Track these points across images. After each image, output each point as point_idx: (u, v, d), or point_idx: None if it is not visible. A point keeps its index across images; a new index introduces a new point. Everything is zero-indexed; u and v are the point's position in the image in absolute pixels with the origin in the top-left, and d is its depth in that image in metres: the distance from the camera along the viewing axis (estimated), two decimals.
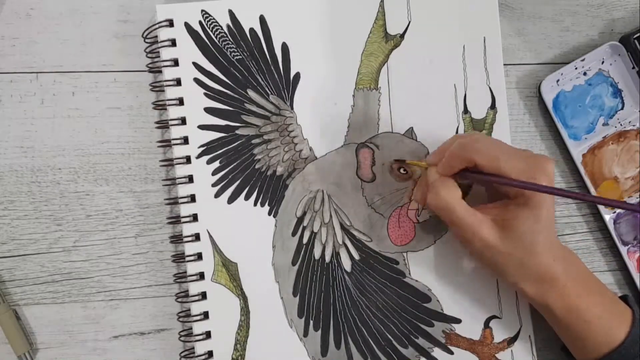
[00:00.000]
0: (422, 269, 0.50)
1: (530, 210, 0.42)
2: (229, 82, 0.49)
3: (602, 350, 0.43)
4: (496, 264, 0.44)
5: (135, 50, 0.50)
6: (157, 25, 0.49)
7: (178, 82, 0.49)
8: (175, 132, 0.49)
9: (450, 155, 0.44)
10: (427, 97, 0.51)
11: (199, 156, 0.49)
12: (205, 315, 0.48)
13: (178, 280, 0.49)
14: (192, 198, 0.49)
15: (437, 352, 0.50)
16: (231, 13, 0.49)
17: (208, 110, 0.49)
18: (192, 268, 0.48)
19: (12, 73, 0.49)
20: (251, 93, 0.49)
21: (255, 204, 0.49)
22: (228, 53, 0.49)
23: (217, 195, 0.49)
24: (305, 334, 0.49)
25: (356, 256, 0.50)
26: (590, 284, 0.45)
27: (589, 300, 0.44)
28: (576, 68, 0.53)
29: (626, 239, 0.53)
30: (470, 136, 0.45)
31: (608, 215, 0.53)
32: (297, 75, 0.50)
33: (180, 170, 0.49)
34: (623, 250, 0.53)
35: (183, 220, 0.48)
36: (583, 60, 0.53)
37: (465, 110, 0.51)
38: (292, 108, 0.50)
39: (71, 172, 0.49)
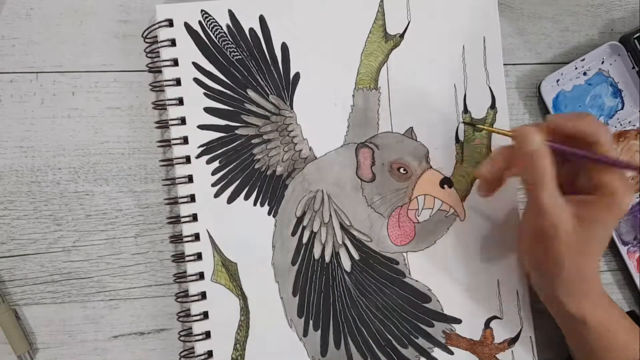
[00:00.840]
0: (422, 269, 0.50)
1: (607, 211, 0.41)
2: (229, 82, 0.49)
3: None
4: (551, 254, 0.42)
5: (135, 50, 0.50)
6: (157, 25, 0.49)
7: (178, 82, 0.49)
8: (175, 132, 0.49)
9: (580, 115, 0.42)
10: (427, 97, 0.51)
11: (198, 156, 0.49)
12: (205, 315, 0.48)
13: (178, 280, 0.49)
14: (192, 198, 0.49)
15: (437, 352, 0.50)
16: (231, 13, 0.49)
17: (208, 110, 0.49)
18: (191, 268, 0.48)
19: (12, 73, 0.49)
20: (251, 93, 0.50)
21: (255, 204, 0.49)
22: (228, 53, 0.49)
23: (216, 195, 0.49)
24: (305, 333, 0.49)
25: (356, 256, 0.50)
26: (612, 300, 0.46)
27: (614, 312, 0.44)
28: (576, 68, 0.53)
29: (626, 239, 0.53)
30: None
31: None
32: (297, 75, 0.50)
33: (180, 170, 0.49)
34: (623, 250, 0.53)
35: (183, 220, 0.48)
36: (583, 60, 0.53)
37: (465, 110, 0.51)
38: (291, 108, 0.50)
39: (71, 172, 0.49)
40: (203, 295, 0.48)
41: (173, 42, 0.49)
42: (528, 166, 0.42)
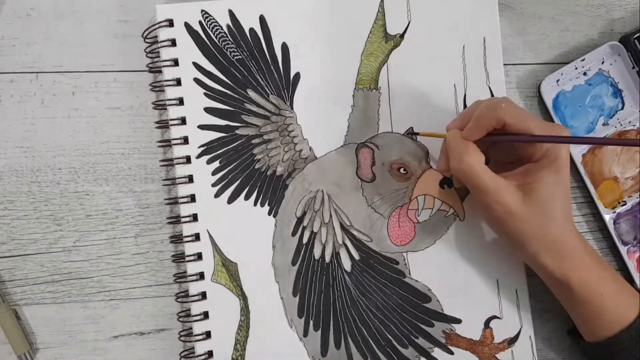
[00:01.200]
0: (422, 269, 0.50)
1: (552, 172, 0.43)
2: (229, 82, 0.49)
3: (614, 328, 0.44)
4: (516, 232, 0.44)
5: (135, 50, 0.50)
6: (157, 25, 0.49)
7: (178, 82, 0.49)
8: (175, 132, 0.49)
9: (479, 116, 0.44)
10: (427, 97, 0.51)
11: (199, 156, 0.49)
12: (205, 315, 0.48)
13: (178, 280, 0.49)
14: (192, 198, 0.49)
15: (437, 352, 0.50)
16: (231, 13, 0.49)
17: (208, 110, 0.49)
18: (192, 268, 0.48)
19: (12, 73, 0.49)
20: (251, 93, 0.50)
21: (255, 204, 0.49)
22: (228, 53, 0.49)
23: (217, 195, 0.49)
24: (305, 333, 0.49)
25: (356, 256, 0.50)
26: (602, 261, 0.46)
27: (604, 275, 0.44)
28: (576, 68, 0.53)
29: (626, 239, 0.53)
30: (495, 99, 0.46)
31: (608, 215, 0.53)
32: (297, 75, 0.50)
33: (180, 170, 0.49)
34: (623, 250, 0.53)
35: (183, 220, 0.48)
36: (583, 60, 0.53)
37: None
38: (292, 108, 0.50)
39: (71, 172, 0.49)
40: (203, 295, 0.48)
41: (173, 42, 0.49)
42: (454, 162, 0.45)
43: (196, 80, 0.49)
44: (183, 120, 0.49)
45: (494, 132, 0.44)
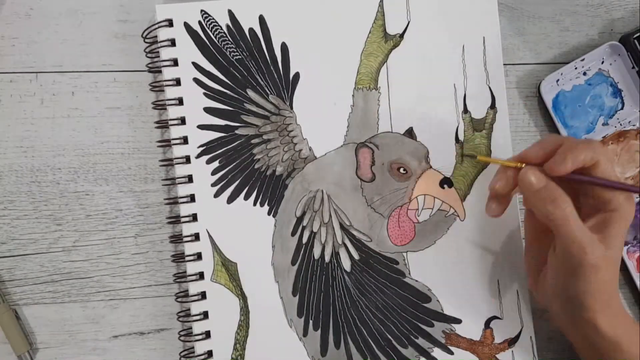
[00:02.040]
0: (422, 269, 0.50)
1: (624, 224, 0.41)
2: (229, 82, 0.49)
3: None
4: (587, 291, 0.41)
5: (135, 50, 0.50)
6: (156, 25, 0.49)
7: (178, 82, 0.49)
8: (175, 132, 0.49)
9: (574, 149, 0.40)
10: (427, 97, 0.51)
11: (198, 156, 0.49)
12: (205, 315, 0.48)
13: (178, 280, 0.49)
14: (192, 198, 0.49)
15: (437, 352, 0.50)
16: (231, 13, 0.49)
17: (208, 110, 0.49)
18: (191, 268, 0.48)
19: (12, 73, 0.49)
20: (251, 93, 0.50)
21: (254, 204, 0.49)
22: (227, 53, 0.49)
23: (216, 195, 0.49)
24: (305, 333, 0.49)
25: (356, 256, 0.50)
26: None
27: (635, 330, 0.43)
28: (576, 68, 0.53)
29: (626, 239, 0.53)
30: (584, 140, 0.43)
31: None
32: (297, 75, 0.50)
33: (180, 170, 0.49)
34: (623, 250, 0.53)
35: (183, 220, 0.48)
36: (583, 60, 0.53)
37: (465, 110, 0.51)
38: (291, 108, 0.50)
39: (71, 172, 0.49)
40: (203, 295, 0.48)
41: (173, 42, 0.49)
42: (541, 204, 0.41)
43: (196, 80, 0.49)
44: (183, 120, 0.49)
45: (576, 171, 0.41)
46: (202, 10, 0.49)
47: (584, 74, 0.54)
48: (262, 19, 0.50)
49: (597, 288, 0.41)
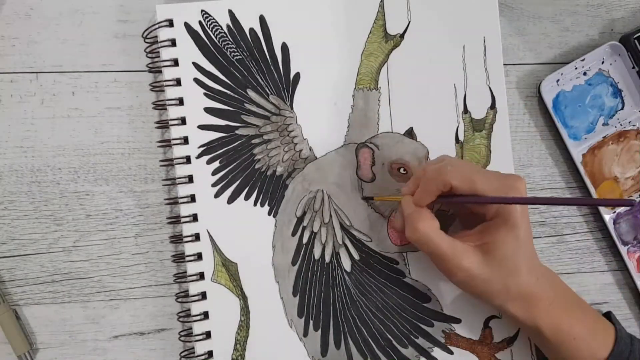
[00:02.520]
0: (422, 269, 0.50)
1: (508, 230, 0.43)
2: (229, 82, 0.49)
3: None
4: (481, 292, 0.44)
5: (135, 50, 0.50)
6: (157, 25, 0.49)
7: (178, 82, 0.49)
8: (175, 132, 0.49)
9: (426, 181, 0.44)
10: (427, 97, 0.51)
11: (199, 156, 0.49)
12: (205, 315, 0.48)
13: (178, 280, 0.49)
14: (192, 198, 0.49)
15: (437, 352, 0.50)
16: (231, 13, 0.49)
17: (208, 110, 0.49)
18: (192, 268, 0.48)
19: (12, 73, 0.49)
20: (251, 93, 0.49)
21: (255, 204, 0.49)
22: (228, 53, 0.49)
23: (217, 195, 0.49)
24: (305, 333, 0.49)
25: (356, 256, 0.50)
26: (574, 302, 0.45)
27: (574, 317, 0.44)
28: (576, 68, 0.53)
29: (626, 239, 0.53)
30: (441, 160, 0.45)
31: (608, 215, 0.53)
32: (297, 75, 0.50)
33: (180, 170, 0.49)
34: (623, 250, 0.53)
35: (183, 220, 0.48)
36: (583, 60, 0.53)
37: (465, 110, 0.51)
38: (292, 108, 0.50)
39: (71, 172, 0.49)
40: (203, 295, 0.48)
41: (173, 42, 0.49)
42: (410, 230, 0.44)
43: (196, 80, 0.49)
44: (183, 121, 0.49)
45: (444, 194, 0.44)
46: (202, 10, 0.49)
47: (584, 74, 0.54)
48: (262, 19, 0.50)
49: (490, 288, 0.43)
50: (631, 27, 0.54)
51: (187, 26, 0.49)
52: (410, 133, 0.51)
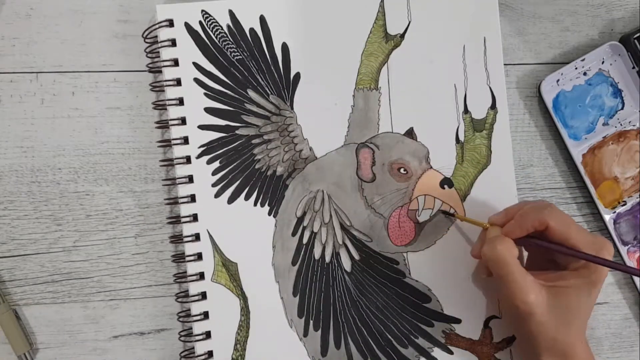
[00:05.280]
0: (422, 269, 0.50)
1: (588, 285, 0.42)
2: (229, 82, 0.49)
3: None
4: (530, 332, 0.43)
5: (135, 50, 0.50)
6: (157, 25, 0.49)
7: (178, 82, 0.49)
8: (175, 132, 0.49)
9: (523, 215, 0.44)
10: (427, 97, 0.51)
11: (199, 156, 0.49)
12: (205, 315, 0.48)
13: (178, 280, 0.49)
14: (192, 198, 0.49)
15: (437, 352, 0.50)
16: (231, 13, 0.49)
17: (208, 110, 0.49)
18: (192, 268, 0.48)
19: (12, 73, 0.49)
20: (251, 93, 0.49)
21: (255, 204, 0.49)
22: (228, 53, 0.49)
23: (217, 195, 0.49)
24: (305, 333, 0.49)
25: (356, 256, 0.50)
26: None
27: None
28: (576, 68, 0.53)
29: (626, 239, 0.53)
30: (542, 202, 0.45)
31: (608, 215, 0.53)
32: (297, 75, 0.50)
33: (180, 170, 0.49)
34: (623, 250, 0.53)
35: (183, 220, 0.48)
36: (583, 60, 0.53)
37: (466, 110, 0.51)
38: (292, 108, 0.50)
39: (71, 172, 0.49)
40: (203, 296, 0.48)
41: (173, 42, 0.49)
42: (489, 248, 0.44)
43: (196, 80, 0.49)
44: (183, 121, 0.49)
45: (535, 234, 0.44)
46: (202, 11, 0.49)
47: (584, 74, 0.54)
48: (262, 19, 0.50)
49: (541, 333, 0.43)
50: (631, 27, 0.54)
51: (188, 26, 0.49)
52: (410, 133, 0.51)
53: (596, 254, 0.42)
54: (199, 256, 0.48)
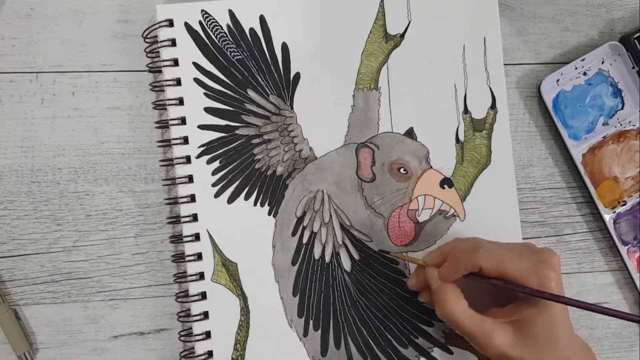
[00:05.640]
0: None
1: (542, 309, 0.41)
2: (229, 82, 0.49)
3: None
4: None
5: (135, 50, 0.50)
6: (157, 25, 0.49)
7: (178, 82, 0.49)
8: (175, 132, 0.49)
9: (454, 258, 0.43)
10: (427, 97, 0.51)
11: (199, 156, 0.49)
12: (205, 315, 0.48)
13: (178, 280, 0.49)
14: (192, 198, 0.49)
15: (437, 352, 0.50)
16: (231, 13, 0.49)
17: (208, 110, 0.49)
18: (192, 268, 0.48)
19: (12, 73, 0.49)
20: (251, 93, 0.49)
21: (255, 204, 0.49)
22: (228, 53, 0.49)
23: (217, 195, 0.49)
24: (305, 333, 0.49)
25: (356, 256, 0.50)
26: None
27: None
28: (576, 68, 0.53)
29: (626, 239, 0.53)
30: (472, 241, 0.45)
31: (608, 215, 0.53)
32: (297, 75, 0.50)
33: (180, 170, 0.49)
34: (623, 250, 0.53)
35: (183, 220, 0.48)
36: (583, 60, 0.53)
37: (466, 110, 0.51)
38: (292, 108, 0.50)
39: (71, 172, 0.49)
40: (203, 295, 0.48)
41: (173, 42, 0.49)
42: (435, 302, 0.44)
43: (196, 80, 0.49)
44: (183, 120, 0.49)
45: (474, 273, 0.43)
46: (202, 10, 0.49)
47: (584, 74, 0.54)
48: (262, 19, 0.50)
49: None
50: (631, 27, 0.54)
51: (187, 26, 0.49)
52: (410, 133, 0.51)
53: (538, 278, 0.41)
54: (199, 256, 0.48)
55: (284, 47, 0.50)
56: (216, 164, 0.49)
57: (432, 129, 0.51)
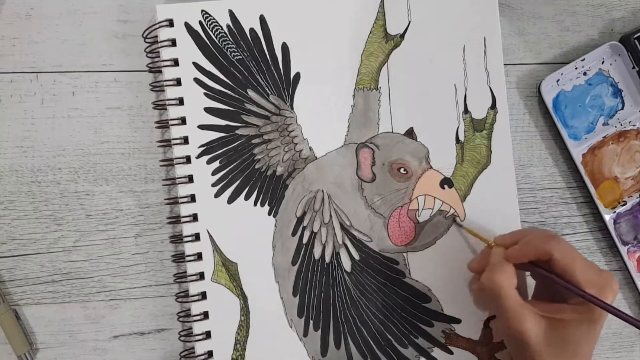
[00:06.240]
0: (422, 269, 0.50)
1: (587, 320, 0.41)
2: (229, 82, 0.49)
3: None
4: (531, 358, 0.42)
5: (135, 50, 0.50)
6: (157, 25, 0.49)
7: (178, 82, 0.49)
8: (175, 132, 0.49)
9: (528, 242, 0.43)
10: (427, 97, 0.51)
11: (199, 156, 0.49)
12: (205, 315, 0.48)
13: (178, 280, 0.49)
14: (192, 198, 0.49)
15: (437, 352, 0.50)
16: (231, 13, 0.49)
17: (208, 110, 0.49)
18: (192, 268, 0.48)
19: (12, 73, 0.49)
20: (251, 93, 0.49)
21: (255, 204, 0.49)
22: (228, 53, 0.49)
23: (217, 195, 0.49)
24: (305, 333, 0.49)
25: (356, 256, 0.50)
26: None
27: None
28: (576, 68, 0.53)
29: (626, 239, 0.53)
30: (548, 231, 0.45)
31: (608, 215, 0.53)
32: (297, 75, 0.50)
33: (180, 170, 0.49)
34: (623, 250, 0.53)
35: (183, 220, 0.48)
36: (583, 60, 0.53)
37: (466, 110, 0.51)
38: (292, 108, 0.50)
39: (71, 172, 0.49)
40: (203, 295, 0.48)
41: (173, 42, 0.49)
42: (487, 276, 0.44)
43: (196, 80, 0.49)
44: (183, 120, 0.49)
45: (539, 263, 0.43)
46: (202, 10, 0.49)
47: (584, 74, 0.54)
48: (262, 19, 0.50)
49: (529, 355, 0.42)
50: (631, 27, 0.54)
51: (188, 26, 0.49)
52: (410, 133, 0.51)
53: (598, 292, 0.41)
54: (199, 256, 0.48)
55: (284, 47, 0.50)
56: (216, 164, 0.49)
57: (432, 129, 0.51)
